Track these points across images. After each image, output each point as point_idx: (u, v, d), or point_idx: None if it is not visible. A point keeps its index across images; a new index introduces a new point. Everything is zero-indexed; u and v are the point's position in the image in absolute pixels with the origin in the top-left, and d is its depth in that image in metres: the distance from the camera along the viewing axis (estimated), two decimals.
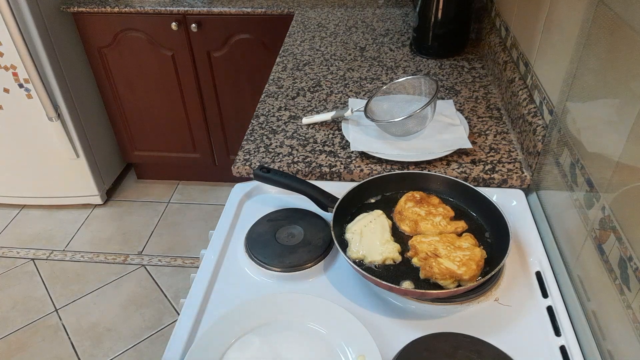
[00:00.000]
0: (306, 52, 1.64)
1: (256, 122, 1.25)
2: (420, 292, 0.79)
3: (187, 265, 2.28)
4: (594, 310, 0.75)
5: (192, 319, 0.80)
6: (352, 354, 0.73)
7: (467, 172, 1.06)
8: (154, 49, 2.19)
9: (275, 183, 0.98)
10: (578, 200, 0.81)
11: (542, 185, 0.98)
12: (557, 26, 0.99)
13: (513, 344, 0.74)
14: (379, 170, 1.07)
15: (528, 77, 1.15)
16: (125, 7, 2.07)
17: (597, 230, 0.74)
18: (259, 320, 0.78)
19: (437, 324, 0.79)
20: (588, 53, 0.81)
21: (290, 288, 0.85)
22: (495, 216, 0.88)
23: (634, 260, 0.63)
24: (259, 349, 0.75)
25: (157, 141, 2.53)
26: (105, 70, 2.30)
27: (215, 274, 0.89)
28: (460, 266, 0.79)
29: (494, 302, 0.82)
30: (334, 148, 1.15)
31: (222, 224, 0.98)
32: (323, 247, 0.90)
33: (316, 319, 0.78)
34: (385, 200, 0.98)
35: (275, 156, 1.13)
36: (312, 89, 1.41)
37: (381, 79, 1.45)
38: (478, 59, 1.55)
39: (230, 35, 2.12)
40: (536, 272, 0.86)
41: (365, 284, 0.85)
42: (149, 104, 2.39)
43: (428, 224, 0.89)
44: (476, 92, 1.37)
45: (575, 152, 0.83)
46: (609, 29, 0.74)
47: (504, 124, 1.21)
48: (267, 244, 0.91)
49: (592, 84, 0.79)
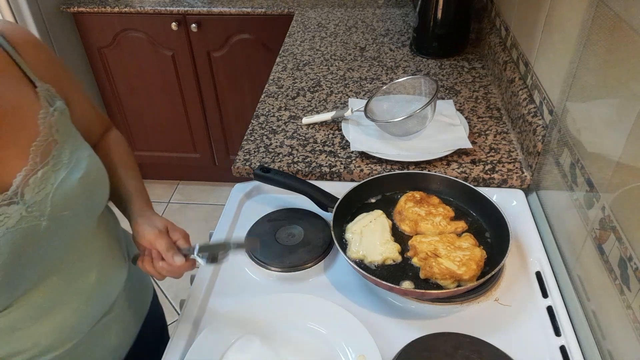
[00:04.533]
0: (306, 52, 1.64)
1: (256, 122, 1.25)
2: (420, 292, 0.79)
3: None
4: (594, 310, 0.75)
5: (192, 319, 0.80)
6: (352, 354, 0.73)
7: (467, 172, 1.06)
8: (154, 49, 2.19)
9: (275, 183, 0.97)
10: (578, 200, 0.81)
11: (542, 185, 0.98)
12: (557, 26, 0.99)
13: (513, 344, 0.74)
14: (379, 170, 1.07)
15: (528, 77, 1.15)
16: (125, 7, 2.07)
17: (597, 230, 0.74)
18: (259, 320, 0.78)
19: (437, 324, 0.79)
20: (588, 53, 0.81)
21: (290, 288, 0.85)
22: (495, 216, 0.87)
23: (634, 260, 0.63)
24: (259, 349, 0.75)
25: (157, 141, 2.53)
26: (105, 71, 2.30)
27: (215, 274, 0.89)
28: (460, 266, 0.79)
29: (494, 302, 0.81)
30: (334, 148, 1.15)
31: (222, 224, 0.98)
32: (323, 247, 0.90)
33: (316, 319, 0.78)
34: (385, 200, 0.98)
35: (275, 156, 1.13)
36: (312, 89, 1.40)
37: (381, 79, 1.45)
38: (478, 59, 1.55)
39: (230, 35, 2.12)
40: (536, 272, 0.86)
41: (365, 284, 0.85)
42: (149, 104, 2.39)
43: (428, 224, 0.89)
44: (476, 92, 1.36)
45: (575, 152, 0.83)
46: (609, 29, 0.74)
47: (504, 124, 1.21)
48: (267, 244, 0.91)
49: (592, 84, 0.79)
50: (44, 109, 0.68)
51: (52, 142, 0.68)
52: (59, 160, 0.68)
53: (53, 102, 0.71)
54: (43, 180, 0.65)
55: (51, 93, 0.71)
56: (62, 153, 0.68)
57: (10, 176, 0.63)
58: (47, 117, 0.68)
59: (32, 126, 0.67)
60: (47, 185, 0.65)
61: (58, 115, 0.70)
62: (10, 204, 0.61)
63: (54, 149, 0.68)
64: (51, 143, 0.68)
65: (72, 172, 0.68)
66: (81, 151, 0.72)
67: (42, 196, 0.64)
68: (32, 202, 0.63)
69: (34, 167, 0.65)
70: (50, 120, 0.68)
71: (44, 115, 0.68)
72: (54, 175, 0.66)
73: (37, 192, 0.64)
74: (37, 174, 0.65)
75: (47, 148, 0.67)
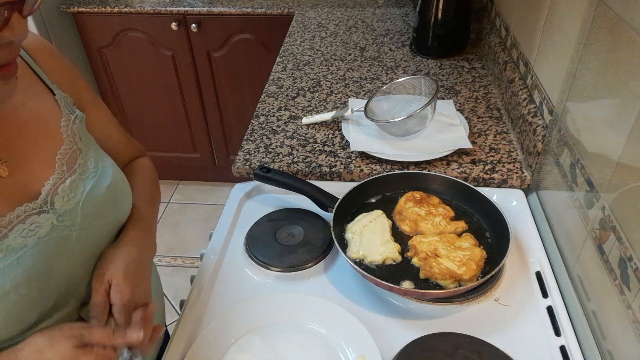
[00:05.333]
0: (306, 52, 1.64)
1: (256, 122, 1.25)
2: (420, 292, 0.79)
3: (187, 265, 2.28)
4: (594, 310, 0.75)
5: (192, 319, 0.80)
6: (352, 354, 0.73)
7: (467, 172, 1.06)
8: (154, 49, 2.19)
9: (275, 183, 0.97)
10: (578, 200, 0.81)
11: (542, 185, 0.98)
12: (557, 26, 0.99)
13: (513, 344, 0.74)
14: (379, 170, 1.07)
15: (528, 77, 1.15)
16: (125, 7, 2.07)
17: (597, 230, 0.74)
18: (259, 320, 0.78)
19: (437, 324, 0.79)
20: (588, 53, 0.81)
21: (290, 288, 0.85)
22: (495, 216, 0.87)
23: (634, 260, 0.63)
24: (259, 349, 0.75)
25: (157, 141, 2.53)
26: (105, 71, 2.30)
27: (215, 274, 0.89)
28: (460, 266, 0.79)
29: (494, 302, 0.81)
30: (334, 148, 1.15)
31: (222, 224, 0.98)
32: (323, 247, 0.90)
33: (316, 319, 0.78)
34: (385, 200, 0.98)
35: (275, 156, 1.13)
36: (312, 89, 1.40)
37: (381, 79, 1.45)
38: (478, 59, 1.55)
39: (230, 35, 2.12)
40: (536, 272, 0.86)
41: (365, 284, 0.85)
42: (149, 104, 2.39)
43: (428, 224, 0.89)
44: (476, 92, 1.36)
45: (575, 152, 0.83)
46: (609, 29, 0.74)
47: (504, 124, 1.21)
48: (267, 244, 0.91)
49: (592, 84, 0.79)
50: (65, 116, 0.67)
51: (76, 150, 0.67)
52: (85, 169, 0.67)
53: (73, 110, 0.70)
54: (72, 188, 0.64)
55: (69, 102, 0.70)
56: (87, 161, 0.68)
57: (39, 184, 0.62)
58: (69, 124, 0.67)
59: (56, 134, 0.66)
60: (76, 194, 0.64)
61: (79, 123, 0.69)
62: (40, 213, 0.60)
63: (79, 157, 0.67)
64: (76, 151, 0.67)
65: (100, 181, 0.67)
66: (104, 160, 0.71)
67: (72, 205, 0.63)
68: (62, 211, 0.62)
69: (61, 175, 0.64)
70: (72, 129, 0.67)
71: (66, 123, 0.67)
72: (82, 183, 0.65)
73: (67, 200, 0.63)
74: (66, 182, 0.64)
75: (73, 156, 0.66)
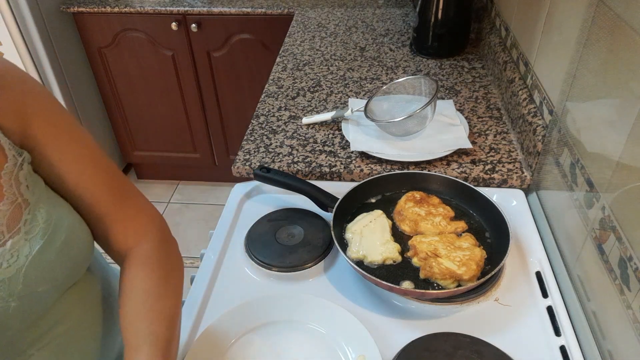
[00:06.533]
0: (306, 52, 1.64)
1: (256, 122, 1.25)
2: (420, 292, 0.79)
3: (187, 265, 2.28)
4: (594, 310, 0.75)
5: (192, 319, 0.80)
6: (352, 354, 0.73)
7: (467, 172, 1.06)
8: (154, 49, 2.19)
9: (275, 183, 0.97)
10: (578, 200, 0.81)
11: (542, 185, 0.98)
12: (557, 26, 0.99)
13: (513, 344, 0.74)
14: (379, 170, 1.07)
15: (528, 77, 1.15)
16: (125, 7, 2.07)
17: (597, 230, 0.74)
18: (259, 320, 0.78)
19: (437, 324, 0.79)
20: (588, 53, 0.81)
21: (290, 288, 0.85)
22: (495, 216, 0.87)
23: (634, 260, 0.63)
24: (259, 349, 0.75)
25: (157, 141, 2.53)
26: (105, 71, 2.30)
27: (215, 274, 0.89)
28: (460, 266, 0.79)
29: (494, 302, 0.81)
30: (334, 148, 1.15)
31: (222, 224, 0.98)
32: (323, 247, 0.90)
33: (316, 319, 0.78)
34: (385, 200, 0.98)
35: (275, 156, 1.13)
36: (312, 89, 1.40)
37: (381, 79, 1.45)
38: (478, 59, 1.55)
39: (230, 35, 2.12)
40: (536, 272, 0.86)
41: (365, 284, 0.85)
42: (149, 104, 2.39)
43: (428, 224, 0.89)
44: (476, 92, 1.36)
45: (575, 152, 0.83)
46: (609, 29, 0.74)
47: (504, 124, 1.21)
48: (267, 244, 0.91)
49: (592, 84, 0.79)
50: (10, 160, 0.54)
51: (21, 203, 0.55)
52: (33, 226, 0.55)
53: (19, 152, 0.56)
54: (14, 252, 0.53)
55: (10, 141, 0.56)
56: (36, 216, 0.55)
57: None
58: (14, 171, 0.54)
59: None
60: (19, 259, 0.53)
61: (26, 167, 0.56)
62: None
63: (25, 211, 0.55)
64: (20, 205, 0.54)
65: (52, 238, 0.56)
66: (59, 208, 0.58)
67: (12, 272, 0.53)
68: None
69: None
70: (17, 176, 0.54)
71: (11, 169, 0.54)
72: (27, 244, 0.54)
73: (6, 267, 0.52)
74: (6, 245, 0.53)
75: (16, 212, 0.54)
